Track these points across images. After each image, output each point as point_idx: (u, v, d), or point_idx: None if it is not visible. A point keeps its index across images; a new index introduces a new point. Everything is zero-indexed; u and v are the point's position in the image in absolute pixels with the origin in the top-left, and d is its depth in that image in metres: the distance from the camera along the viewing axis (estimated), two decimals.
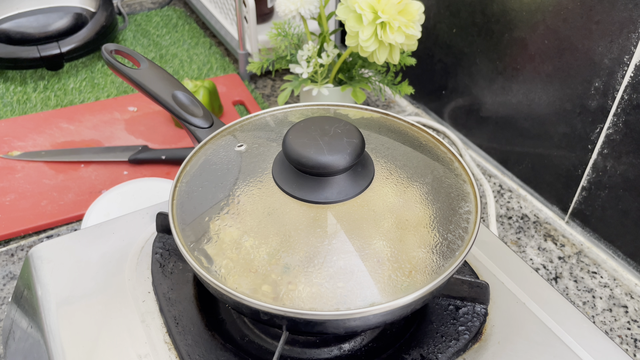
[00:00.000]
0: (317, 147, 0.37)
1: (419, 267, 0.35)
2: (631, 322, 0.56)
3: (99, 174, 0.73)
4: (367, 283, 0.34)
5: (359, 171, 0.38)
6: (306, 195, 0.37)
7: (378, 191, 0.38)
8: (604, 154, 0.59)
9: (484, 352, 0.40)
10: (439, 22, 0.77)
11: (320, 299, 0.33)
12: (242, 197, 0.38)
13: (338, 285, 0.34)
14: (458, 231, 0.37)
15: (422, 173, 0.40)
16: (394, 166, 0.40)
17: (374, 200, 0.38)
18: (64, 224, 0.67)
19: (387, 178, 0.39)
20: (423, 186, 0.39)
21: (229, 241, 0.36)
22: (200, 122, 0.49)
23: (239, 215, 0.38)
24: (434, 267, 0.35)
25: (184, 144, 0.79)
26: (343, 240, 0.35)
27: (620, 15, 0.53)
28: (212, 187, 0.40)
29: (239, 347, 0.41)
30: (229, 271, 0.35)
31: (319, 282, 0.34)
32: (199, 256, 0.36)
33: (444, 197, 0.39)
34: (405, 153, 0.42)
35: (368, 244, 0.35)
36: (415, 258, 0.35)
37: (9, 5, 0.93)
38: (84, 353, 0.40)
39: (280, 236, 0.36)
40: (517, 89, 0.67)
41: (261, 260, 0.35)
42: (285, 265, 0.35)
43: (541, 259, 0.63)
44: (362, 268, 0.34)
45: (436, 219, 0.38)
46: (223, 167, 0.42)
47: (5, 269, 0.61)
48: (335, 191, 0.37)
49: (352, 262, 0.35)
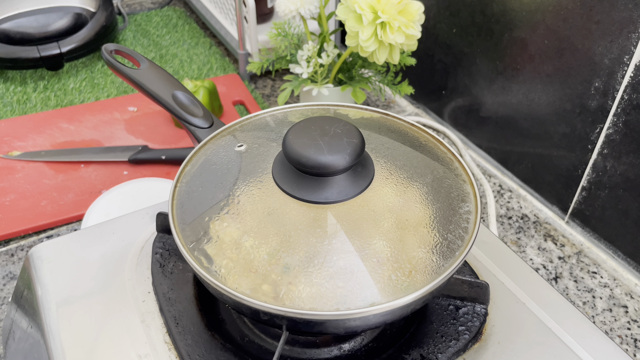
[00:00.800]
0: (317, 147, 0.37)
1: (419, 267, 0.35)
2: (631, 322, 0.56)
3: (99, 174, 0.73)
4: (367, 283, 0.34)
5: (359, 171, 0.38)
6: (306, 195, 0.37)
7: (378, 191, 0.38)
8: (604, 154, 0.59)
9: (484, 352, 0.40)
10: (439, 22, 0.77)
11: (320, 299, 0.33)
12: (242, 197, 0.38)
13: (338, 285, 0.34)
14: (458, 231, 0.37)
15: (422, 173, 0.40)
16: (394, 166, 0.40)
17: (374, 201, 0.38)
18: (64, 224, 0.67)
19: (387, 178, 0.39)
20: (423, 186, 0.39)
21: (229, 241, 0.36)
22: (200, 122, 0.49)
23: (239, 215, 0.38)
24: (434, 267, 0.35)
25: (184, 144, 0.79)
26: (343, 240, 0.35)
27: (620, 15, 0.53)
28: (212, 187, 0.40)
29: (239, 347, 0.41)
30: (229, 271, 0.35)
31: (318, 282, 0.34)
32: (199, 256, 0.36)
33: (444, 197, 0.39)
34: (405, 153, 0.42)
35: (368, 244, 0.35)
36: (415, 258, 0.35)
37: (9, 5, 0.93)
38: (84, 353, 0.40)
39: (280, 236, 0.36)
40: (517, 89, 0.67)
41: (261, 260, 0.35)
42: (285, 265, 0.35)
43: (541, 259, 0.63)
44: (362, 268, 0.34)
45: (436, 219, 0.38)
46: (223, 167, 0.42)
47: (5, 269, 0.61)
48: (335, 191, 0.37)
49: (352, 262, 0.35)
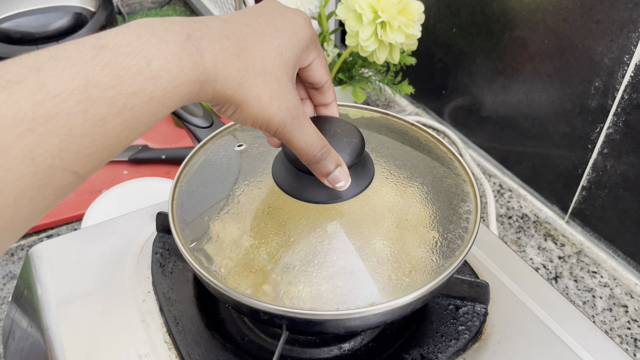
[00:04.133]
0: None
1: (419, 267, 0.35)
2: (631, 322, 0.56)
3: (99, 173, 0.73)
4: (367, 283, 0.34)
5: (359, 171, 0.38)
6: (306, 195, 0.37)
7: (378, 191, 0.38)
8: (604, 153, 0.59)
9: (484, 351, 0.40)
10: (439, 22, 0.77)
11: (320, 298, 0.33)
12: (242, 197, 0.38)
13: (338, 285, 0.34)
14: (458, 231, 0.37)
15: (422, 173, 0.40)
16: (394, 166, 0.40)
17: (373, 200, 0.38)
18: (64, 223, 0.67)
19: (387, 178, 0.39)
20: (423, 186, 0.39)
21: (229, 241, 0.36)
22: (200, 122, 0.49)
23: (239, 215, 0.38)
24: (434, 266, 0.35)
25: (184, 143, 0.79)
26: (343, 239, 0.35)
27: (620, 14, 0.53)
28: (212, 186, 0.40)
29: (239, 347, 0.41)
30: (229, 271, 0.35)
31: (318, 282, 0.34)
32: (198, 256, 0.36)
33: (444, 197, 0.39)
34: (405, 153, 0.42)
35: (368, 244, 0.35)
36: (415, 258, 0.35)
37: (9, 4, 0.93)
38: (84, 353, 0.40)
39: (280, 236, 0.36)
40: (517, 88, 0.67)
41: (261, 260, 0.35)
42: (286, 265, 0.35)
43: (541, 259, 0.63)
44: (362, 268, 0.34)
45: (436, 219, 0.38)
46: (223, 167, 0.42)
47: (5, 268, 0.61)
48: (335, 191, 0.37)
49: (352, 262, 0.35)
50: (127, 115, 0.24)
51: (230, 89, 0.29)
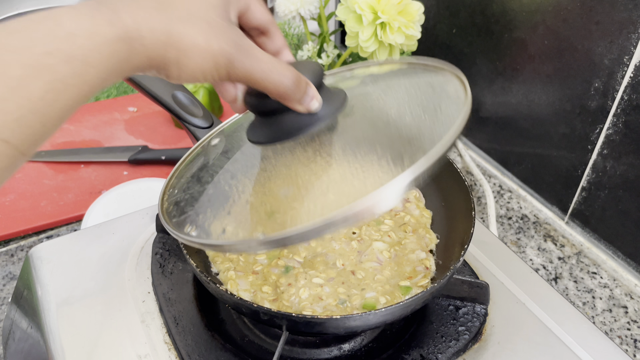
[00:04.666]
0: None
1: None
2: (631, 323, 0.56)
3: (99, 174, 0.73)
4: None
5: (330, 96, 0.36)
6: (285, 133, 0.35)
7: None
8: (604, 154, 0.59)
9: (484, 352, 0.40)
10: (438, 23, 0.77)
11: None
12: (238, 194, 0.38)
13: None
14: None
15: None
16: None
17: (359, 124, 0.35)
18: (64, 224, 0.67)
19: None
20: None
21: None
22: (200, 122, 0.49)
23: (239, 214, 0.37)
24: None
25: (184, 144, 0.79)
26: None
27: (620, 15, 0.53)
28: (207, 185, 0.40)
29: (239, 347, 0.41)
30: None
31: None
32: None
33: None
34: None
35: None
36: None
37: (9, 5, 0.93)
38: (84, 353, 0.40)
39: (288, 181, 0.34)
40: (517, 89, 0.67)
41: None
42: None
43: (541, 260, 0.63)
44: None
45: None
46: (216, 164, 0.41)
47: (5, 269, 0.61)
48: (311, 117, 0.35)
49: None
50: (47, 76, 0.24)
51: (160, 42, 0.28)
